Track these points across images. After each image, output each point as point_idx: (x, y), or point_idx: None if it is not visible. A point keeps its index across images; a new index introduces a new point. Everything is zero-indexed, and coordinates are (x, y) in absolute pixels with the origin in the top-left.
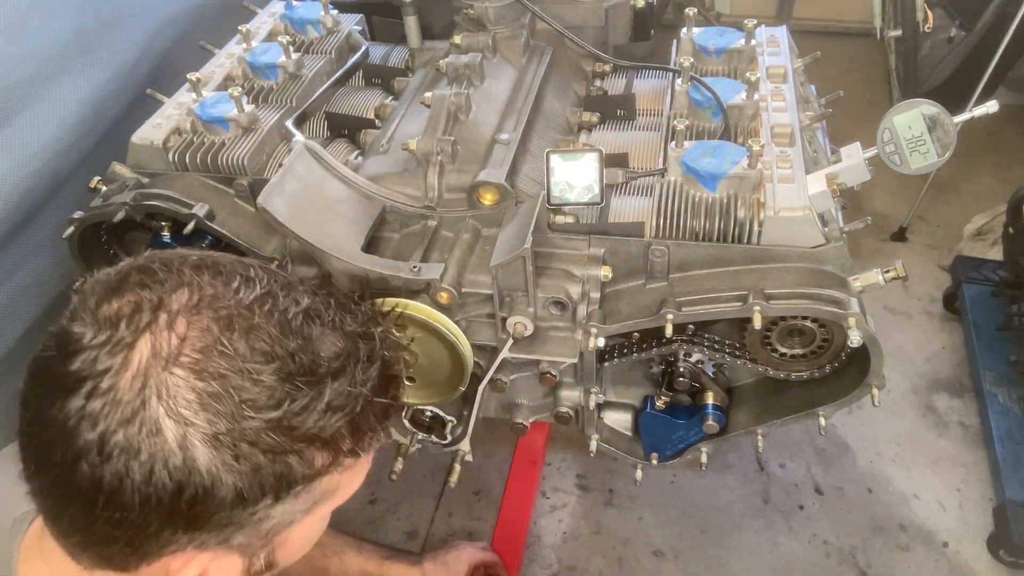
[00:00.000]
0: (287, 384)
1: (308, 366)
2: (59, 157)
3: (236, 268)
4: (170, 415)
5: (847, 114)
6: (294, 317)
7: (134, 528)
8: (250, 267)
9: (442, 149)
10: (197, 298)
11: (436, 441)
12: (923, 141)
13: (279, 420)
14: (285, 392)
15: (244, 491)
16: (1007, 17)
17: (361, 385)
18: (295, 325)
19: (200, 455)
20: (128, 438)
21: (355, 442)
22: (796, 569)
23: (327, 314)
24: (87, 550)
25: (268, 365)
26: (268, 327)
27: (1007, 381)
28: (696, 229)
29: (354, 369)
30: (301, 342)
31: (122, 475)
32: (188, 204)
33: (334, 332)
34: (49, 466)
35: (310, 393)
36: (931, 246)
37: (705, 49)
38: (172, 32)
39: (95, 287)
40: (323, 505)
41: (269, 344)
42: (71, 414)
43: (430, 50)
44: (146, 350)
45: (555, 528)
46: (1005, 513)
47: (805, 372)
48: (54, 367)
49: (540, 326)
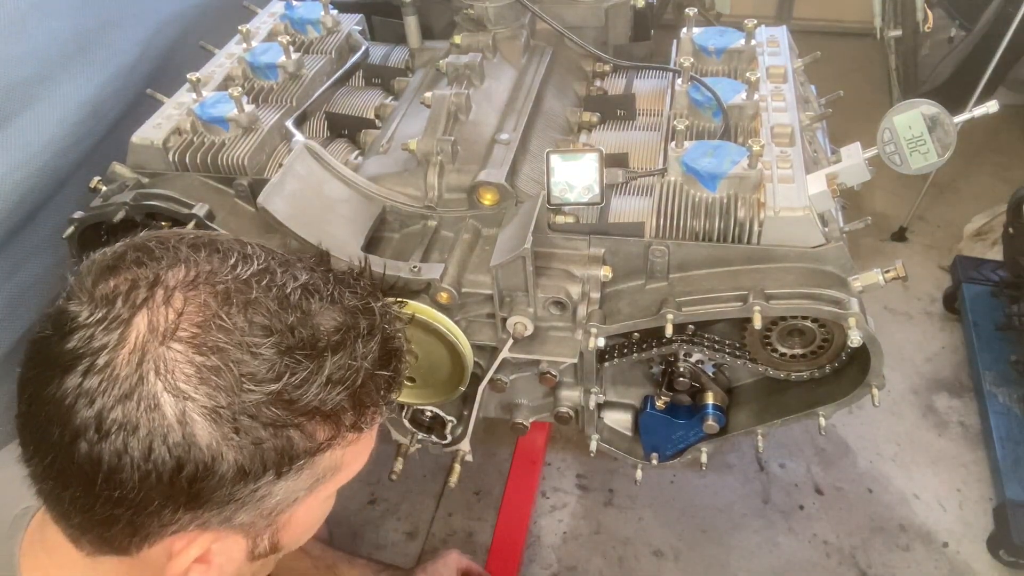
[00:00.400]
0: (287, 357)
1: (307, 339)
2: (59, 157)
3: (233, 245)
4: (168, 390)
5: (847, 114)
6: (292, 292)
7: (134, 507)
8: (247, 244)
9: (442, 149)
10: (194, 274)
11: (436, 441)
12: (923, 141)
13: (279, 393)
14: (285, 365)
15: (245, 466)
16: (1007, 17)
17: (362, 358)
18: (293, 299)
19: (200, 430)
20: (126, 414)
21: (357, 416)
22: (796, 569)
23: (325, 289)
24: (88, 533)
25: (267, 339)
26: (266, 301)
27: (1007, 381)
28: (696, 229)
29: (354, 342)
30: (300, 316)
31: (121, 452)
32: (188, 204)
33: (333, 306)
34: (48, 446)
35: (310, 366)
36: (931, 246)
37: (705, 49)
38: (172, 32)
39: (91, 267)
40: (326, 484)
41: (268, 318)
42: (68, 392)
43: (430, 50)
44: (143, 326)
45: (555, 528)
46: (1005, 513)
47: (805, 372)
48: (50, 347)
49: (540, 326)
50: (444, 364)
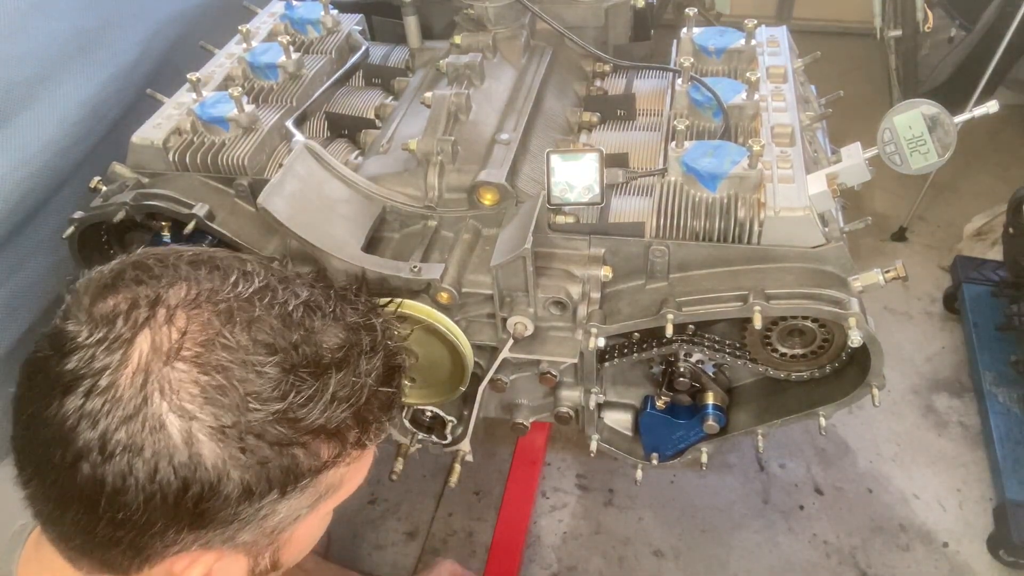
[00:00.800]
0: (291, 376)
1: (311, 357)
2: (59, 157)
3: (233, 263)
4: (173, 410)
5: (847, 114)
6: (295, 309)
7: (138, 528)
8: (247, 262)
9: (442, 149)
10: (196, 292)
11: (436, 441)
12: (923, 141)
13: (284, 412)
14: (290, 384)
15: (251, 485)
16: (1007, 17)
17: (365, 375)
18: (296, 317)
19: (206, 450)
20: (131, 435)
21: (361, 433)
22: (796, 569)
23: (327, 306)
24: (88, 555)
25: (271, 357)
26: (269, 319)
27: (1007, 381)
28: (696, 229)
29: (357, 360)
30: (303, 333)
31: (125, 474)
32: (188, 204)
33: (336, 323)
34: (48, 468)
35: (315, 384)
36: (931, 246)
37: (705, 49)
38: (172, 32)
39: (89, 285)
40: (327, 501)
41: (271, 336)
42: (69, 414)
43: (430, 50)
44: (146, 345)
45: (555, 528)
46: (1005, 513)
47: (805, 372)
48: (49, 367)
49: (540, 326)
50: (444, 364)
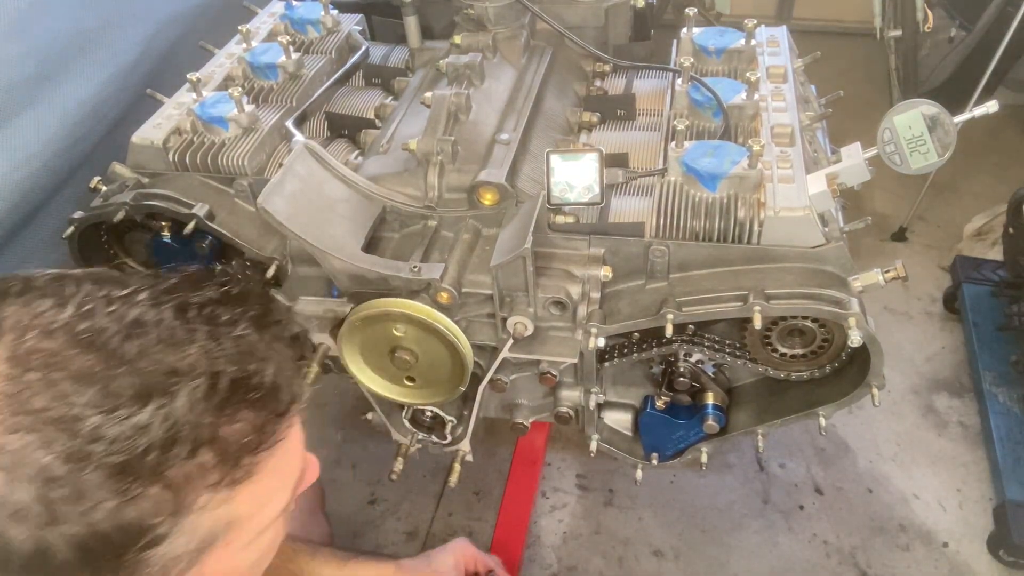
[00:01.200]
0: (107, 422)
1: (130, 394)
2: (59, 157)
3: (48, 288)
4: None
5: (847, 114)
6: (111, 338)
7: None
8: (67, 282)
9: (442, 149)
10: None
11: (436, 441)
12: (923, 141)
13: (109, 465)
14: (99, 434)
15: (86, 549)
16: (1007, 17)
17: (200, 410)
18: (111, 348)
19: (13, 530)
20: None
21: (222, 472)
22: (796, 569)
23: (155, 331)
24: None
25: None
26: (75, 359)
27: (1007, 381)
28: (696, 229)
29: (191, 390)
30: (120, 367)
31: None
32: (188, 204)
33: (167, 350)
34: None
35: (132, 425)
36: (931, 246)
37: (705, 49)
38: (172, 32)
39: None
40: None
41: (76, 382)
42: None
43: (430, 50)
44: None
45: (555, 528)
46: (1005, 513)
47: (805, 372)
48: None
49: (540, 326)
50: (444, 364)
